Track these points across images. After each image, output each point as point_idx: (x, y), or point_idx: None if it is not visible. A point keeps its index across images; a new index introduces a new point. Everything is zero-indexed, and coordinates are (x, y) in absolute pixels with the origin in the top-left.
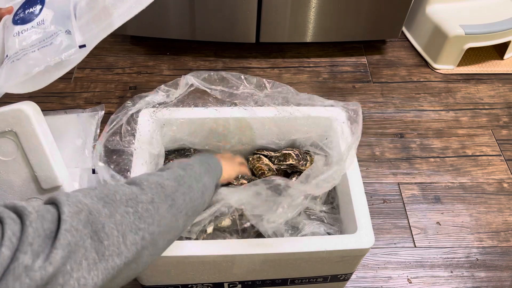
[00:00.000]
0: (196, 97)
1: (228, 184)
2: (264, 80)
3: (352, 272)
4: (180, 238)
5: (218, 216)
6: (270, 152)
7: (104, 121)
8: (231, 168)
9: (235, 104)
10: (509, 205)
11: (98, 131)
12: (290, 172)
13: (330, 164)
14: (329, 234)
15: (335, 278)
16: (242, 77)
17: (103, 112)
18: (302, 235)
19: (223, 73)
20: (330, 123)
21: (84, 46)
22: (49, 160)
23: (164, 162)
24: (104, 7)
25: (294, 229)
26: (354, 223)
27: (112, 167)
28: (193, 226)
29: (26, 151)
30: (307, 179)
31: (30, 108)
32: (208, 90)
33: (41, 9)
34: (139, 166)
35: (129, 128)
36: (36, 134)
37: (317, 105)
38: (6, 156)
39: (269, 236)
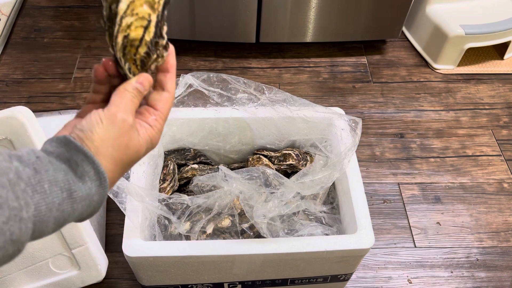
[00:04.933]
0: (196, 97)
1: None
2: (263, 86)
3: (352, 272)
4: (180, 238)
5: (217, 214)
6: (270, 152)
7: None
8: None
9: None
10: (509, 205)
11: None
12: (290, 172)
13: (328, 166)
14: (326, 235)
15: (335, 278)
16: (241, 80)
17: None
18: (299, 236)
19: (224, 75)
20: (329, 128)
21: None
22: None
23: (164, 162)
24: None
25: (290, 230)
26: (354, 223)
27: None
28: (193, 226)
29: None
30: (303, 177)
31: (23, 115)
32: (206, 92)
33: None
34: (137, 167)
35: None
36: (32, 141)
37: (317, 110)
38: None
39: (264, 234)
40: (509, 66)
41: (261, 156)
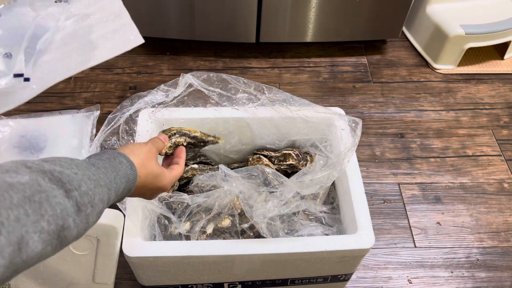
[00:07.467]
0: (196, 97)
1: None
2: (263, 85)
3: (352, 273)
4: (180, 238)
5: (217, 214)
6: (270, 152)
7: (102, 121)
8: (147, 192)
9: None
10: (509, 205)
11: (94, 131)
12: (290, 172)
13: (328, 166)
14: (326, 235)
15: (335, 279)
16: (241, 80)
17: (98, 112)
18: (299, 236)
19: (224, 75)
20: (329, 128)
21: (27, 79)
22: (114, 269)
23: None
24: (82, 44)
25: (290, 230)
26: (354, 223)
27: None
28: (193, 226)
29: (98, 254)
30: (302, 177)
31: (119, 224)
32: (206, 92)
33: None
34: None
35: (128, 128)
36: (116, 245)
37: (317, 110)
38: (79, 251)
39: (264, 234)
40: (509, 66)
41: (261, 156)
